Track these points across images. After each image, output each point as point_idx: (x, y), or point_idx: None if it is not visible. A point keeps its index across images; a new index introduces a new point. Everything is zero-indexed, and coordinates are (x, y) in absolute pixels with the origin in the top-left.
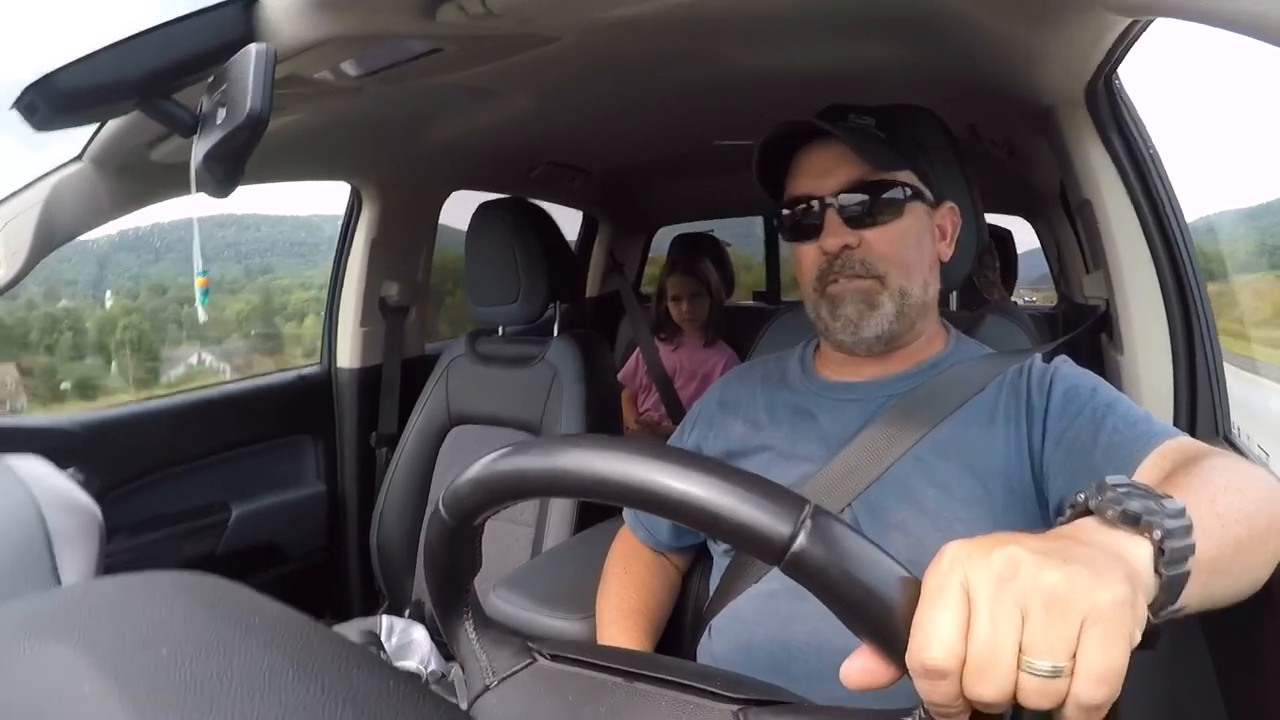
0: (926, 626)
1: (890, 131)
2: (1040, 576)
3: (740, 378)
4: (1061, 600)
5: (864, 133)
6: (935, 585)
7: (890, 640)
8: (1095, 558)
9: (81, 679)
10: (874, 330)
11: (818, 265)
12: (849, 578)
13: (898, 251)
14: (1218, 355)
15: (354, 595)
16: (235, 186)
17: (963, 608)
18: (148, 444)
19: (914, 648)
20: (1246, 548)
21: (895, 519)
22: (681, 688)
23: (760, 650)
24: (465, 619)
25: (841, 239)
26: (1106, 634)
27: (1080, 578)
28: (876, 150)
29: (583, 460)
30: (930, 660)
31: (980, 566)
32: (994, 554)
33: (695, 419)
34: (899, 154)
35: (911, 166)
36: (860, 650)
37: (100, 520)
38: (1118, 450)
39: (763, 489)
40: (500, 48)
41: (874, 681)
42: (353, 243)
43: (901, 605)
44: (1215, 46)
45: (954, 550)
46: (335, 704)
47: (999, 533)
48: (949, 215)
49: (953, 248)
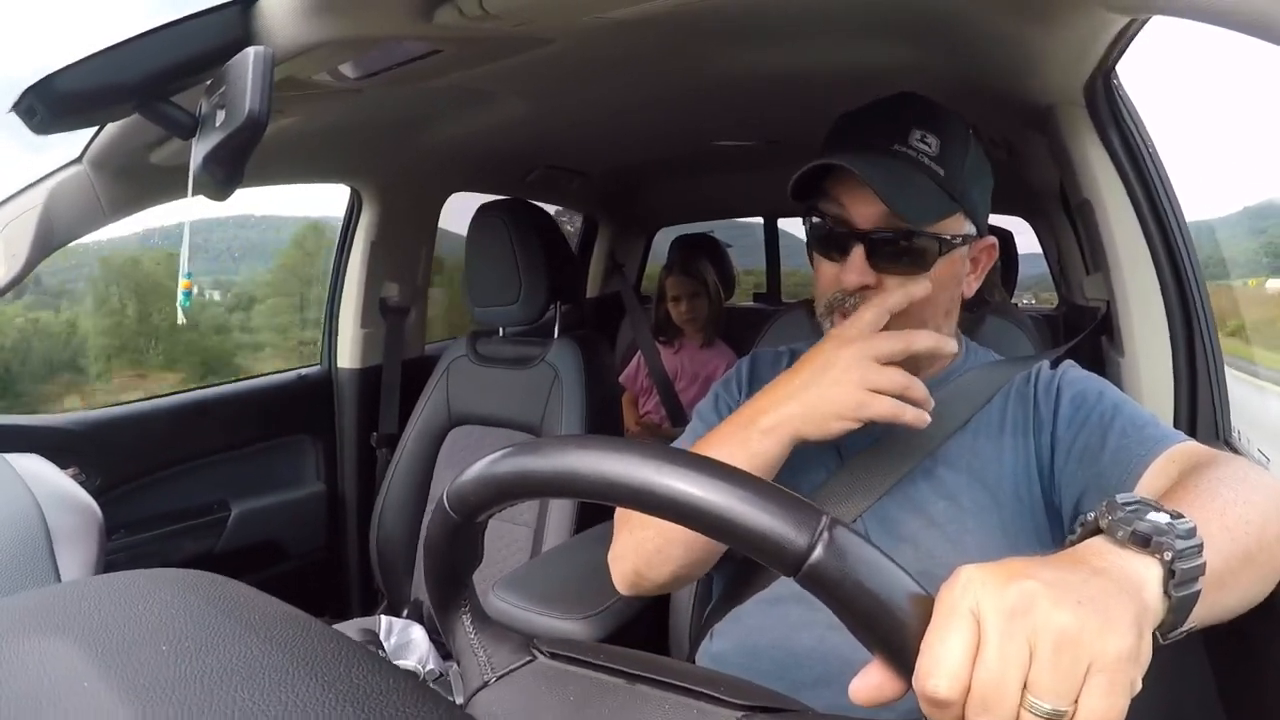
0: (936, 650)
1: (951, 165)
2: (1053, 616)
3: (770, 364)
4: (1071, 643)
5: (918, 167)
6: (947, 608)
7: (900, 656)
8: (1108, 597)
9: (82, 674)
10: None
11: (834, 289)
12: (863, 592)
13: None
14: (1218, 358)
15: (353, 595)
16: (234, 189)
17: (972, 634)
18: (148, 443)
19: (921, 672)
20: (1256, 561)
21: (906, 531)
22: (685, 691)
23: (764, 655)
24: (463, 613)
25: (862, 279)
26: (1111, 683)
27: (1091, 621)
28: (923, 201)
29: (594, 462)
30: (934, 690)
31: (994, 597)
32: (1010, 586)
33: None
34: (952, 195)
35: (964, 205)
36: (869, 668)
37: (100, 519)
38: (1125, 454)
39: (781, 499)
40: (498, 49)
41: (883, 698)
42: (352, 244)
43: (913, 623)
44: (1213, 45)
45: (969, 575)
46: (334, 700)
47: (1015, 560)
48: (988, 250)
49: (980, 280)
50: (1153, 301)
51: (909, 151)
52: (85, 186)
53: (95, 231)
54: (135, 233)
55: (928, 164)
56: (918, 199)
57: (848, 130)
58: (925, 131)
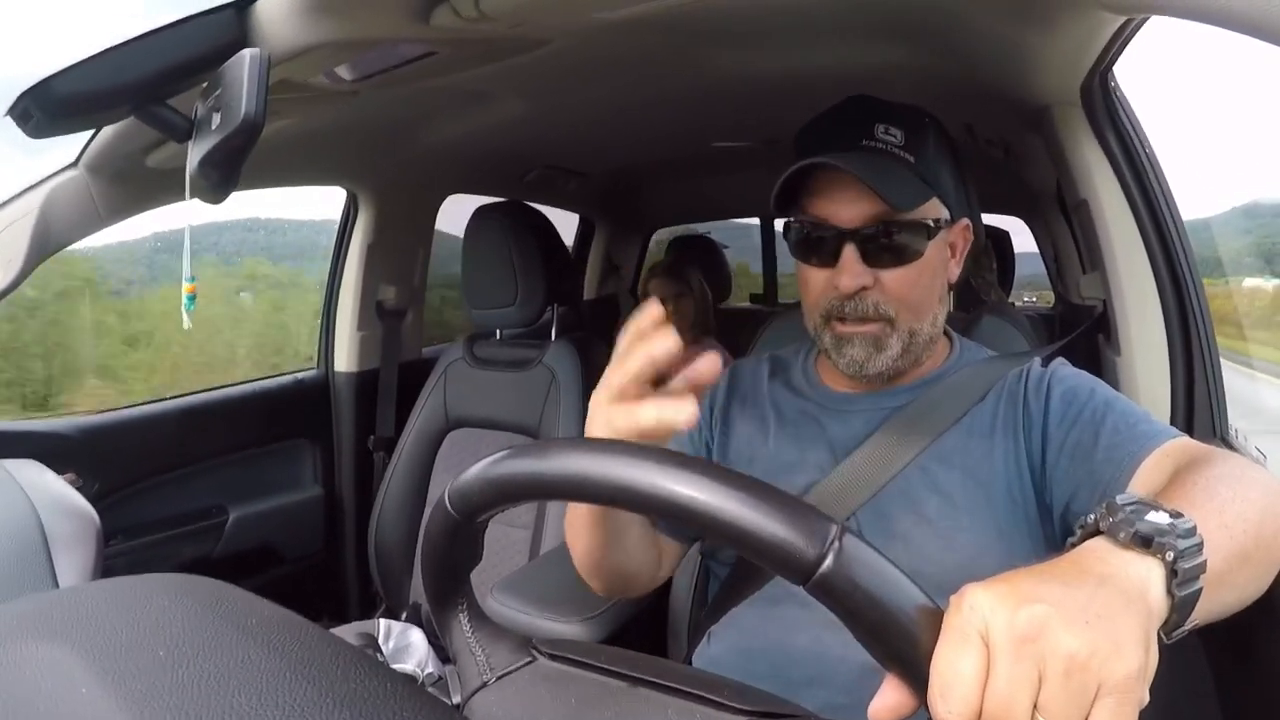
0: (947, 673)
1: (919, 151)
2: (1063, 641)
3: (751, 371)
4: (1080, 668)
5: (890, 157)
6: (957, 630)
7: (912, 670)
8: (1115, 615)
9: (79, 680)
10: (878, 368)
11: (827, 298)
12: (874, 603)
13: (912, 294)
14: (1215, 356)
15: (351, 598)
16: (230, 192)
17: (982, 658)
18: (145, 448)
19: (932, 694)
20: (1253, 558)
21: (899, 529)
22: (688, 695)
23: (760, 656)
24: (460, 611)
25: (859, 280)
26: (1119, 705)
27: (1102, 645)
28: (903, 187)
29: (606, 466)
30: (946, 714)
31: (1004, 621)
32: (1019, 612)
33: (709, 413)
34: (926, 181)
35: (938, 190)
36: (886, 688)
37: (97, 524)
38: (1118, 451)
39: (792, 507)
40: (494, 51)
41: (901, 716)
42: (349, 247)
43: (923, 636)
44: (1211, 44)
45: (978, 596)
46: (331, 705)
47: (1022, 576)
48: (962, 233)
49: (961, 265)
50: (1149, 300)
51: (878, 144)
52: (82, 190)
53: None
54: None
55: (898, 153)
56: (899, 186)
57: (812, 136)
58: (888, 125)
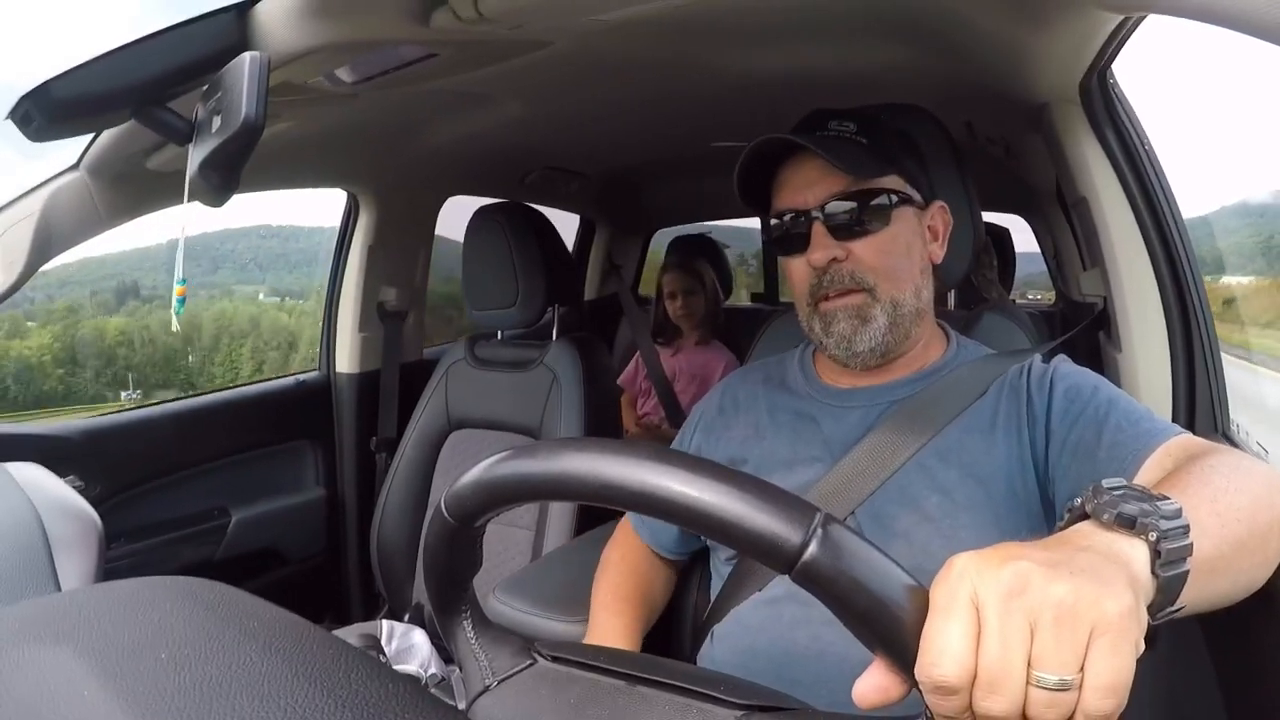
0: (937, 640)
1: (873, 136)
2: (1049, 590)
3: (741, 380)
4: (1070, 613)
5: (844, 141)
6: (944, 598)
7: (900, 652)
8: (1099, 566)
9: (82, 683)
10: (867, 344)
11: (808, 279)
12: (859, 588)
13: (886, 261)
14: (1216, 351)
15: (354, 600)
16: (231, 195)
17: (972, 621)
18: (147, 450)
19: (924, 662)
20: (1247, 547)
21: (899, 526)
22: (685, 692)
23: (762, 655)
24: (464, 618)
25: (829, 252)
26: (1114, 644)
27: (1087, 588)
28: (856, 159)
29: (590, 464)
30: (941, 677)
31: (990, 580)
32: (1004, 568)
33: (696, 423)
34: (882, 159)
35: (898, 169)
36: (871, 669)
37: (99, 526)
38: (1121, 449)
39: (774, 497)
40: (493, 53)
41: (887, 698)
42: (350, 249)
43: (911, 617)
44: (1209, 42)
45: (962, 562)
46: (334, 707)
47: (1005, 544)
48: (939, 215)
49: (945, 248)
50: (1150, 296)
51: (830, 133)
52: (82, 193)
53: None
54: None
55: (851, 137)
56: (852, 157)
57: (770, 138)
58: (840, 120)
